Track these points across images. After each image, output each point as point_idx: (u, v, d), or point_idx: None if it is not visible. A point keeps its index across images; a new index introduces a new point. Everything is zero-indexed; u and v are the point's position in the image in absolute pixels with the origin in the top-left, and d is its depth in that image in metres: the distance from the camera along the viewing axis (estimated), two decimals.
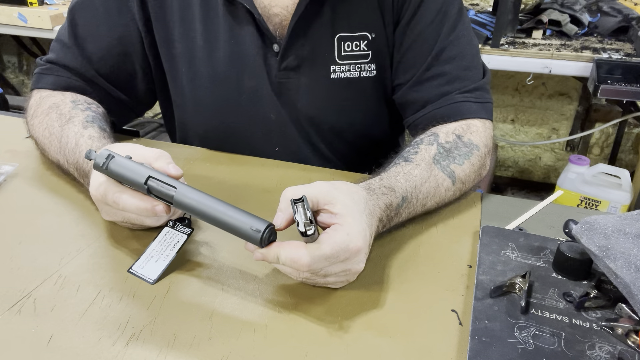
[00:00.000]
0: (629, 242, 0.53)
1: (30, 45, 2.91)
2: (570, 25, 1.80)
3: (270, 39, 0.81)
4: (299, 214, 0.51)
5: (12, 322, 0.52)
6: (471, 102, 0.79)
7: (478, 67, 0.83)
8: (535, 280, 0.56)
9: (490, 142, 0.80)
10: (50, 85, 0.84)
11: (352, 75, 0.83)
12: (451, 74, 0.80)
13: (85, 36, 0.84)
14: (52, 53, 0.86)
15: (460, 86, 0.80)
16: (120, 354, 0.49)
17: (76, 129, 0.73)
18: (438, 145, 0.73)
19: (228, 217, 0.53)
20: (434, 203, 0.70)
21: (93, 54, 0.84)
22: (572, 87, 2.35)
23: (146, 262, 0.60)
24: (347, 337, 0.51)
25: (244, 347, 0.50)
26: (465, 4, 2.22)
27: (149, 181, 0.56)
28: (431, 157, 0.71)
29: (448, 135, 0.75)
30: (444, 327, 0.53)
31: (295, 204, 0.52)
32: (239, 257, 0.62)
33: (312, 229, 0.51)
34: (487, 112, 0.81)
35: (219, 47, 0.83)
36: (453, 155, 0.73)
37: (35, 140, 0.80)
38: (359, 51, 0.82)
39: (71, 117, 0.76)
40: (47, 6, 2.09)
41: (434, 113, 0.80)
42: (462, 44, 0.81)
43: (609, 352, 0.48)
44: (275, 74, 0.83)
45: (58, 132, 0.74)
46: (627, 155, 2.42)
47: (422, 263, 0.62)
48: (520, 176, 2.65)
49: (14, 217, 0.69)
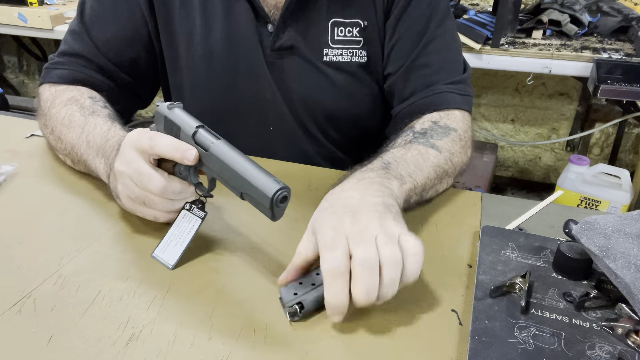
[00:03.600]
0: (629, 242, 0.53)
1: (30, 45, 2.91)
2: (570, 25, 1.80)
3: (265, 18, 0.84)
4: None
5: (12, 322, 0.52)
6: (455, 93, 0.83)
7: (460, 62, 0.88)
8: (535, 280, 0.56)
9: (469, 131, 0.82)
10: (58, 78, 0.86)
11: (344, 59, 0.86)
12: (437, 65, 0.84)
13: (92, 22, 0.87)
14: (63, 44, 0.89)
15: (445, 77, 0.84)
16: (120, 354, 0.49)
17: (103, 121, 0.75)
18: (414, 132, 0.77)
19: (249, 173, 0.54)
20: (430, 168, 0.71)
21: (100, 39, 0.86)
22: (572, 87, 2.35)
23: (166, 247, 0.61)
24: (347, 337, 0.51)
25: (244, 347, 0.50)
26: (465, 4, 2.22)
27: (200, 128, 0.59)
28: (408, 141, 0.74)
29: (424, 123, 0.79)
30: (444, 327, 0.53)
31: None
32: (239, 257, 0.62)
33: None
34: (468, 105, 0.85)
35: (216, 27, 0.85)
36: (429, 134, 0.76)
37: (51, 129, 0.80)
38: (351, 37, 0.86)
39: (94, 110, 0.78)
40: (47, 6, 2.10)
41: (420, 103, 0.83)
42: (448, 38, 0.86)
43: (609, 352, 0.48)
44: (268, 53, 0.85)
45: (81, 120, 0.76)
46: (627, 155, 2.42)
47: (422, 263, 0.62)
48: (520, 176, 2.65)
49: (14, 217, 0.69)
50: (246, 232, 0.67)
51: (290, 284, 0.54)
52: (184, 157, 0.58)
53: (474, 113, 2.53)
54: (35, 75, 3.20)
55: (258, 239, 0.66)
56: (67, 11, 2.04)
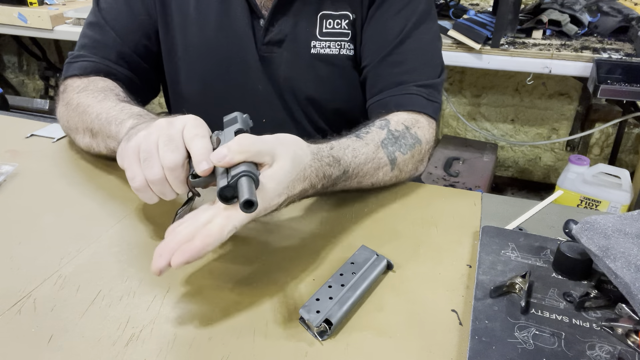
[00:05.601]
0: (629, 242, 0.53)
1: (30, 45, 2.91)
2: (570, 25, 1.80)
3: (257, 12, 0.86)
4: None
5: (12, 322, 0.52)
6: (423, 97, 0.83)
7: (436, 66, 0.87)
8: (535, 280, 0.56)
9: (432, 140, 0.83)
10: (80, 70, 0.87)
11: (331, 52, 0.87)
12: (410, 65, 0.85)
13: (109, 12, 0.89)
14: (83, 38, 0.90)
15: (416, 77, 0.84)
16: (120, 354, 0.49)
17: (138, 108, 0.75)
18: (388, 131, 0.77)
19: None
20: (369, 183, 0.74)
21: (118, 27, 0.89)
22: (572, 87, 2.35)
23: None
24: (347, 337, 0.51)
25: (244, 347, 0.50)
26: (465, 4, 2.22)
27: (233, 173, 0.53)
28: (380, 140, 0.74)
29: (398, 125, 0.79)
30: (444, 327, 0.53)
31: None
32: (240, 257, 0.62)
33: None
34: (435, 112, 0.85)
35: (210, 19, 0.87)
36: (400, 143, 0.76)
37: (75, 105, 0.80)
38: (340, 29, 0.86)
39: (129, 101, 0.79)
40: (47, 6, 2.10)
41: (388, 100, 0.84)
42: (424, 41, 0.86)
43: (609, 352, 0.48)
44: (260, 47, 0.87)
45: (115, 104, 0.76)
46: (627, 155, 2.42)
47: (422, 263, 0.62)
48: (520, 176, 2.65)
49: (14, 217, 0.69)
50: (245, 232, 0.67)
51: (307, 303, 0.53)
52: (200, 165, 0.55)
53: (474, 113, 2.53)
54: (35, 75, 3.20)
55: (257, 239, 0.66)
56: (67, 11, 2.04)
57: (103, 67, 0.87)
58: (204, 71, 0.90)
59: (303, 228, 0.68)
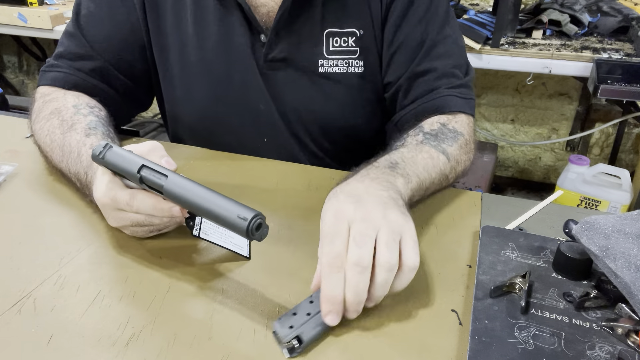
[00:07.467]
0: (629, 242, 0.53)
1: (30, 45, 2.91)
2: (570, 25, 1.80)
3: (258, 29, 0.82)
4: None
5: (12, 322, 0.52)
6: (457, 97, 0.82)
7: (463, 65, 0.86)
8: (535, 280, 0.56)
9: (473, 135, 0.82)
10: (51, 81, 0.85)
11: (339, 70, 0.85)
12: (440, 71, 0.83)
13: (88, 23, 0.86)
14: (59, 47, 0.88)
15: (447, 82, 0.82)
16: (120, 354, 0.49)
17: (78, 137, 0.71)
18: (424, 133, 0.76)
19: (215, 206, 0.51)
20: (437, 175, 0.71)
21: (96, 39, 0.85)
22: (572, 87, 2.35)
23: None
24: (347, 337, 0.51)
25: (244, 347, 0.50)
26: (465, 4, 2.22)
27: (142, 170, 0.54)
28: (419, 142, 0.73)
29: (432, 125, 0.77)
30: (444, 327, 0.53)
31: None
32: (239, 258, 0.62)
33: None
34: (471, 108, 0.84)
35: (208, 36, 0.84)
36: (441, 138, 0.75)
37: (38, 146, 0.80)
38: (347, 47, 0.84)
39: (73, 123, 0.75)
40: (47, 6, 2.10)
41: (423, 107, 0.82)
42: (449, 43, 0.84)
43: (609, 352, 0.48)
44: (262, 64, 0.84)
45: (60, 140, 0.73)
46: (627, 155, 2.42)
47: (422, 263, 0.62)
48: (520, 176, 2.65)
49: (14, 217, 0.69)
50: None
51: (283, 317, 0.51)
52: (171, 216, 0.56)
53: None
54: (35, 75, 3.20)
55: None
56: (67, 11, 2.04)
57: (76, 79, 0.84)
58: (202, 89, 0.87)
59: (304, 229, 0.68)
